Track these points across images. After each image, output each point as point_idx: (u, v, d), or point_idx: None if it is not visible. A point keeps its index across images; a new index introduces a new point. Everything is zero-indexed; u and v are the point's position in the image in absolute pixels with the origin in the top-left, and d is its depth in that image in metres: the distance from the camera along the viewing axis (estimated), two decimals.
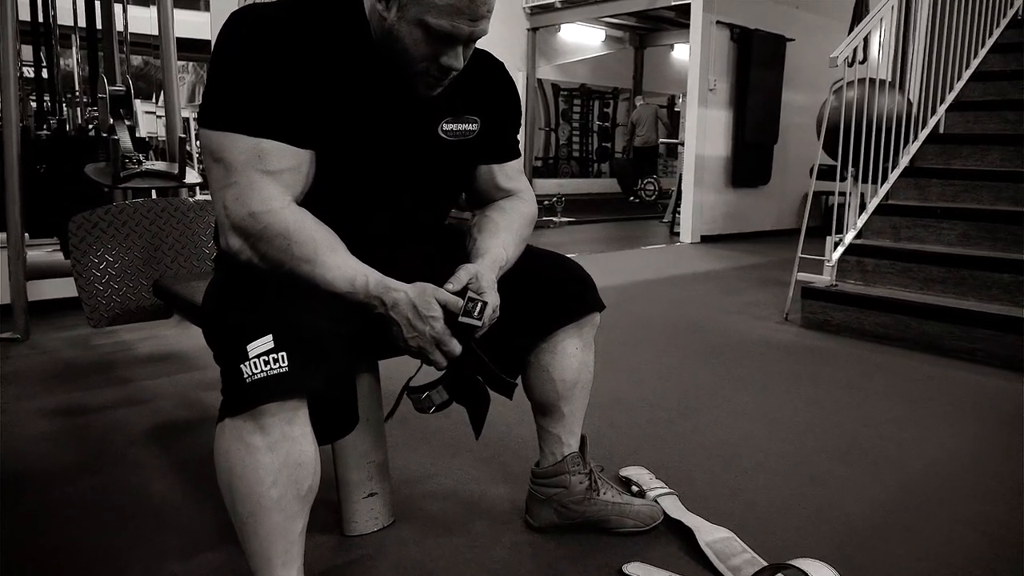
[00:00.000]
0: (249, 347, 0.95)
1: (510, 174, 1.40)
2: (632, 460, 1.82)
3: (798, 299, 3.44)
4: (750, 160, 6.92)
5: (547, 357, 1.38)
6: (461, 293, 1.13)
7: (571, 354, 1.39)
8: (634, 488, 1.63)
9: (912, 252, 3.32)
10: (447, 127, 1.25)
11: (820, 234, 3.61)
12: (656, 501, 1.55)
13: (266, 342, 0.95)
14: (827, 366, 2.77)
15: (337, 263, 1.08)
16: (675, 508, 1.53)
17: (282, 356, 0.95)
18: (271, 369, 0.95)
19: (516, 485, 1.66)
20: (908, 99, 3.86)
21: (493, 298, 1.15)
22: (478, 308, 1.11)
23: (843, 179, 3.52)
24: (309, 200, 1.13)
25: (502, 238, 1.29)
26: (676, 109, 13.51)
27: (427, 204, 1.32)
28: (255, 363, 0.95)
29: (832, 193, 3.51)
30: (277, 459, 0.98)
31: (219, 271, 1.22)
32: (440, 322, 1.09)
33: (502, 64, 1.38)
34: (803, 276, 3.52)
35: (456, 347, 1.11)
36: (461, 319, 1.10)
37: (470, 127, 1.28)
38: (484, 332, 1.15)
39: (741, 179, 6.92)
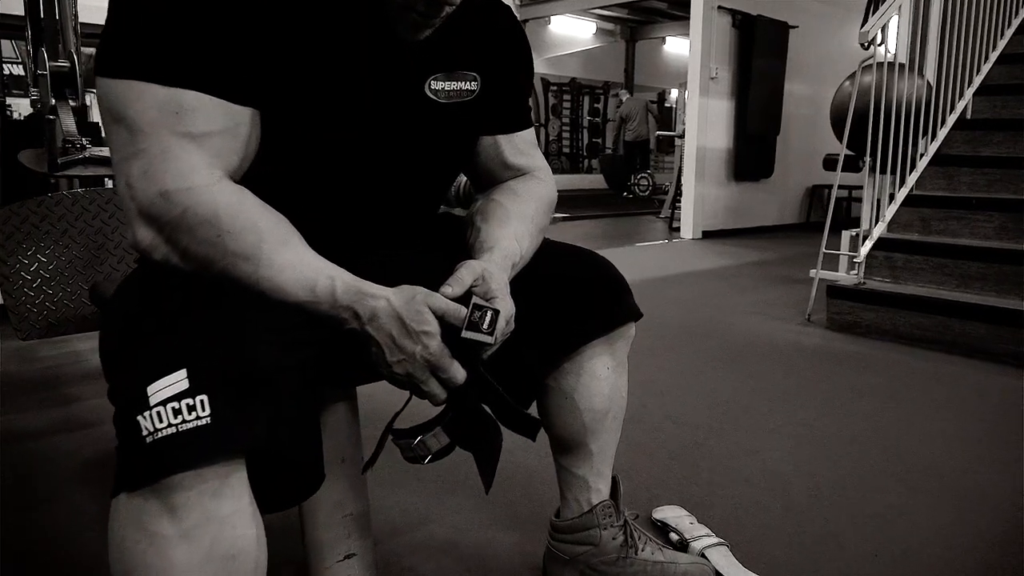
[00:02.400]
0: (150, 389, 0.63)
1: (521, 147, 1.09)
2: (662, 495, 1.52)
3: (820, 298, 3.16)
4: (752, 152, 6.64)
5: (571, 380, 1.08)
6: (464, 300, 0.82)
7: (601, 376, 1.09)
8: (673, 536, 1.33)
9: (947, 246, 3.03)
10: (437, 85, 0.93)
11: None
12: (704, 555, 1.25)
13: (177, 381, 0.64)
14: (865, 374, 2.48)
15: (290, 260, 0.77)
16: (728, 564, 1.23)
17: (201, 402, 0.63)
18: (184, 422, 0.63)
19: (528, 533, 1.36)
20: (929, 83, 3.59)
21: (506, 305, 0.85)
22: (487, 319, 0.81)
23: (869, 168, 3.23)
24: (250, 182, 0.81)
25: (513, 228, 0.98)
26: (667, 104, 13.30)
27: (413, 186, 1.00)
28: (159, 413, 0.63)
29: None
30: (197, 553, 0.65)
31: (139, 269, 0.91)
32: (436, 339, 0.79)
33: (509, 8, 1.07)
34: (823, 274, 3.24)
35: (458, 373, 0.81)
36: (465, 334, 0.80)
37: (467, 86, 0.97)
38: (495, 351, 0.85)
39: (743, 172, 6.65)
